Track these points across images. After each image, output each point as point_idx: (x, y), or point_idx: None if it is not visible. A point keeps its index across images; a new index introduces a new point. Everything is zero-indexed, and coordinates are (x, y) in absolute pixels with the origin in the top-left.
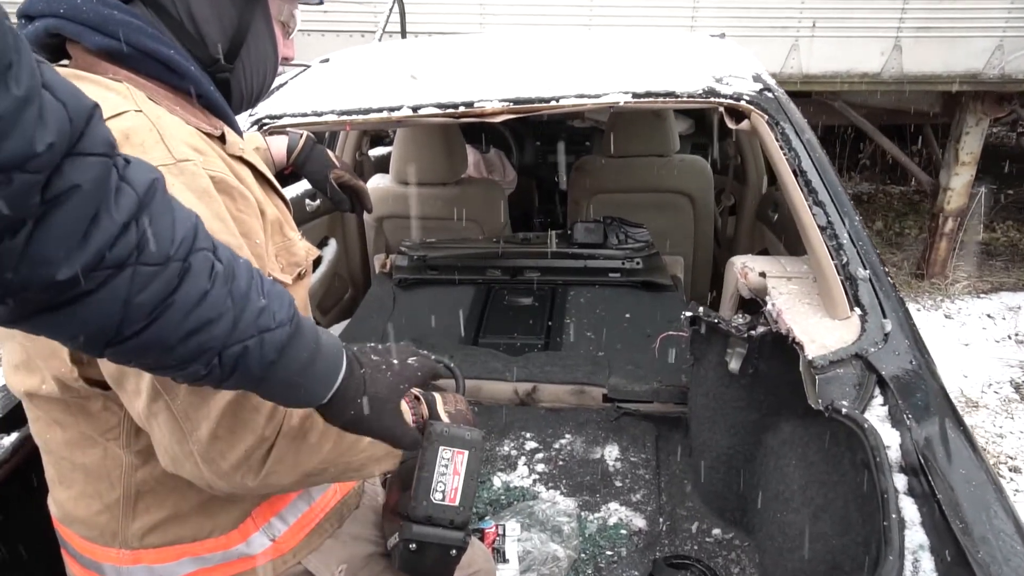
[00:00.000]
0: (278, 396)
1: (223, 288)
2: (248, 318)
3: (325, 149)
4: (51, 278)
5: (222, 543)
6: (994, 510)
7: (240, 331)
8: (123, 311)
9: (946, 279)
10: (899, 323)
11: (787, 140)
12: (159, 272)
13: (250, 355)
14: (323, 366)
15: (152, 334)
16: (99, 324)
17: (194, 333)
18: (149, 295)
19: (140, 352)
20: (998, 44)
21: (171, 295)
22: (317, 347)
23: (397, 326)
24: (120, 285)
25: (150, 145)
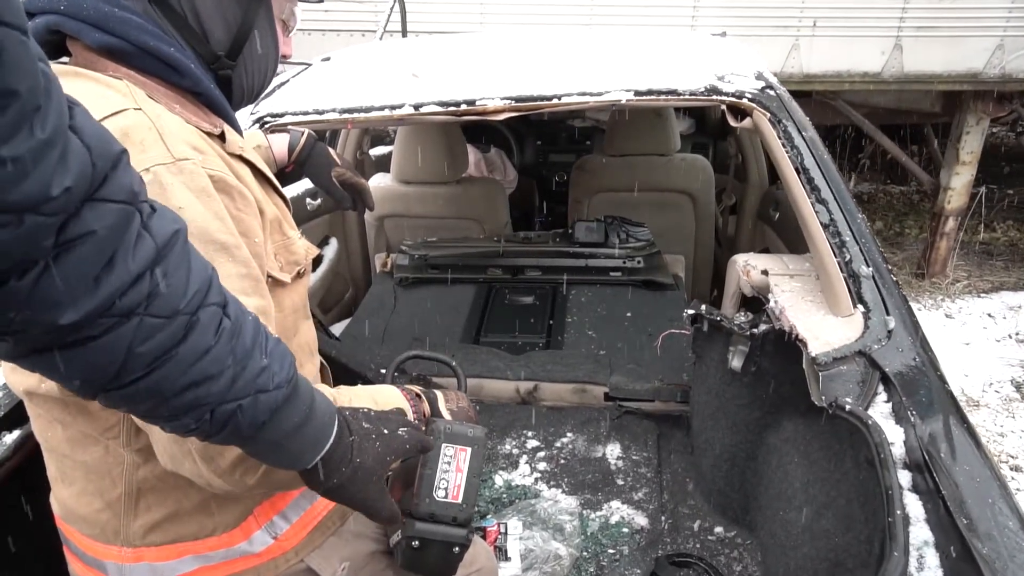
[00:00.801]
0: (263, 455)
1: (227, 345)
2: (248, 377)
3: (327, 147)
4: (54, 322)
5: (224, 541)
6: (999, 506)
7: (237, 389)
8: (124, 359)
9: (946, 279)
10: (902, 320)
11: (789, 138)
12: (166, 324)
13: (243, 414)
14: (313, 431)
15: (149, 384)
16: (98, 370)
17: (192, 387)
18: (153, 346)
19: (134, 400)
20: (999, 43)
21: (175, 347)
22: (310, 412)
23: (398, 325)
24: (125, 334)
25: (149, 143)
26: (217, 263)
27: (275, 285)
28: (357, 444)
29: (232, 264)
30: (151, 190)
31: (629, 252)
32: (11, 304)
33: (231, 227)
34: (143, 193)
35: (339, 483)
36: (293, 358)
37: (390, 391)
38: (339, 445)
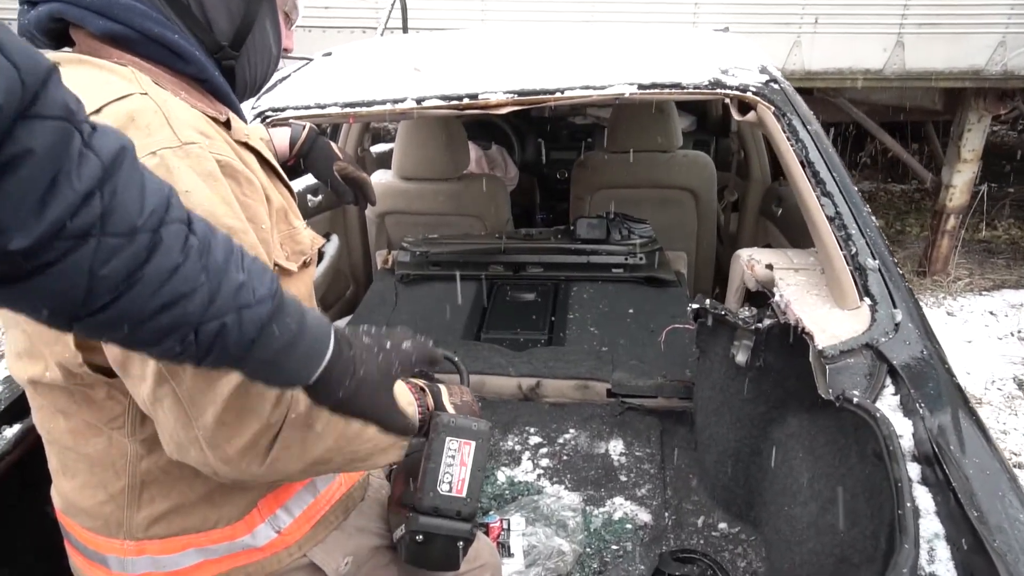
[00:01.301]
0: (260, 375)
1: (197, 262)
2: (225, 293)
3: (328, 141)
4: (5, 247)
5: (227, 534)
6: (1009, 499)
7: (217, 307)
8: (88, 284)
9: (948, 277)
10: (909, 313)
11: (794, 131)
12: (125, 244)
13: (228, 333)
14: (307, 346)
15: (120, 308)
16: (63, 297)
17: (166, 308)
18: (115, 268)
19: (108, 327)
20: (1000, 40)
21: (140, 268)
22: (301, 326)
23: (399, 322)
24: (83, 257)
25: (156, 127)
26: None
27: (282, 274)
28: (359, 357)
29: None
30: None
31: (631, 248)
32: None
33: (238, 212)
34: (81, 112)
35: (345, 397)
36: (275, 275)
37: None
38: (339, 359)
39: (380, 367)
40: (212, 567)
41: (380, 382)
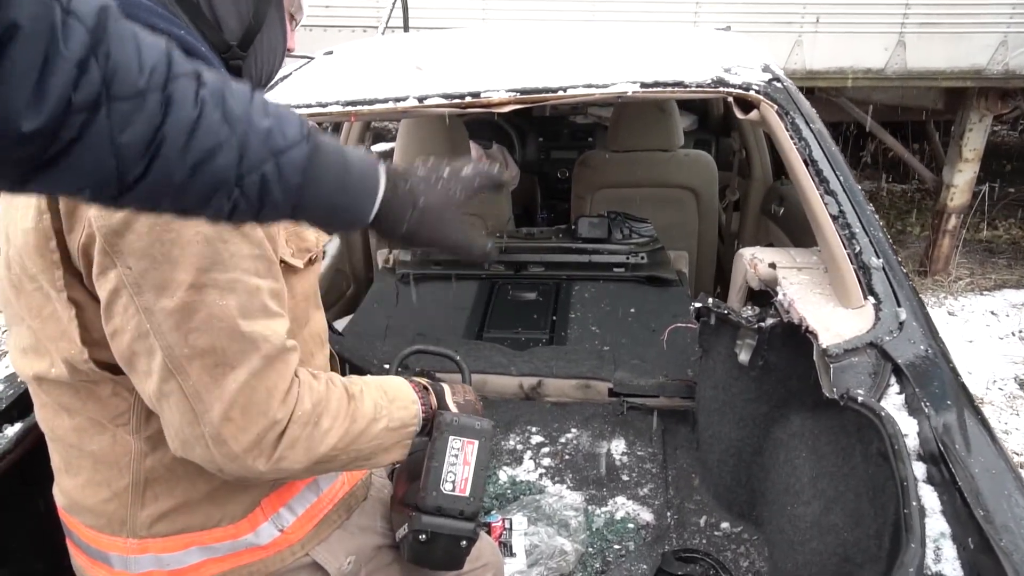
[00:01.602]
0: (320, 221)
1: (215, 113)
2: (254, 142)
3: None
4: (17, 130)
5: (231, 532)
6: (1015, 499)
7: (251, 158)
8: (115, 154)
9: (949, 276)
10: (913, 312)
11: (797, 130)
12: (137, 107)
13: (271, 183)
14: (357, 182)
15: (156, 175)
16: (97, 173)
17: (199, 168)
18: (135, 133)
19: (153, 197)
20: (1002, 40)
21: (159, 129)
22: (345, 164)
23: (400, 321)
24: (100, 127)
25: None
26: (231, 243)
27: (288, 270)
28: (416, 189)
29: (246, 244)
30: None
31: (632, 248)
32: None
33: None
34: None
35: (411, 228)
36: (303, 117)
37: (399, 382)
38: (394, 194)
39: (441, 195)
40: (215, 565)
41: (444, 210)
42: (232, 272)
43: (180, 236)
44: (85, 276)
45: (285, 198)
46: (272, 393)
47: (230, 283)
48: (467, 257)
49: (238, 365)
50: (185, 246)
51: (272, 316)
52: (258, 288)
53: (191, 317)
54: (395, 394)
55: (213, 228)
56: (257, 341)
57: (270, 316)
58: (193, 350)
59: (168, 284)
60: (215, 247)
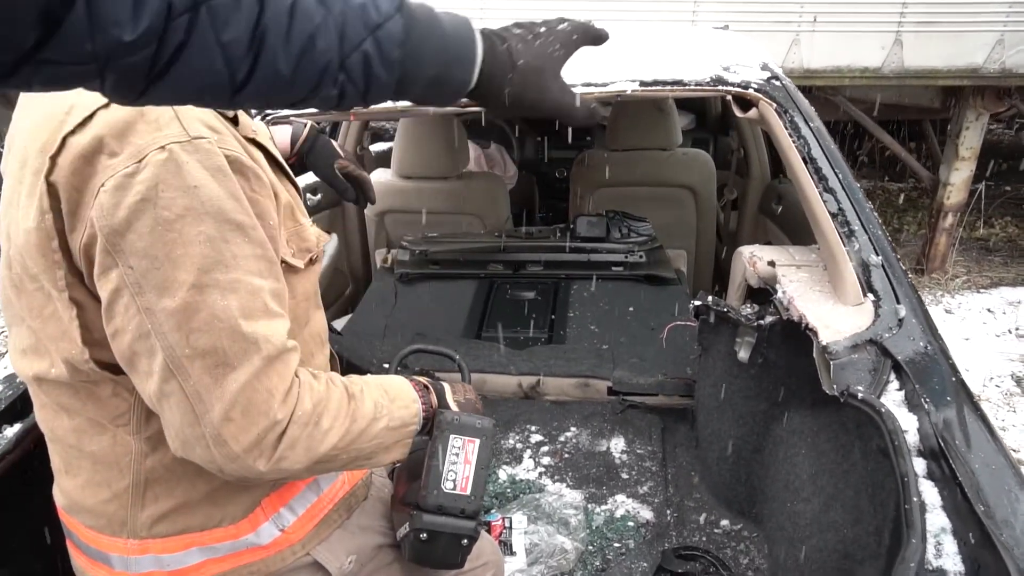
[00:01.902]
0: (424, 95)
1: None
2: (351, 20)
3: (329, 139)
4: (121, 38)
5: (231, 533)
6: (1015, 494)
7: (350, 37)
8: (223, 54)
9: (946, 274)
10: (912, 308)
11: (796, 128)
12: (234, 1)
13: (372, 60)
14: (455, 48)
15: (264, 69)
16: (209, 74)
17: (304, 54)
18: (237, 29)
19: (265, 92)
20: (999, 38)
21: (259, 21)
22: (442, 30)
23: (399, 320)
24: (204, 29)
25: (164, 122)
26: (233, 243)
27: (288, 271)
28: (514, 48)
29: (248, 244)
30: (167, 168)
31: (631, 247)
32: (81, 35)
33: (247, 208)
34: None
35: (513, 93)
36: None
37: (400, 381)
38: (493, 55)
39: (539, 52)
40: (215, 566)
41: (546, 67)
42: (234, 272)
43: (182, 236)
44: (86, 276)
45: (388, 74)
46: (273, 393)
47: (232, 283)
48: (571, 119)
49: (239, 366)
50: (187, 246)
51: (273, 316)
52: (260, 288)
53: (192, 317)
54: (396, 393)
55: (215, 228)
56: (258, 341)
57: (271, 317)
58: (194, 350)
59: (170, 284)
60: (217, 247)
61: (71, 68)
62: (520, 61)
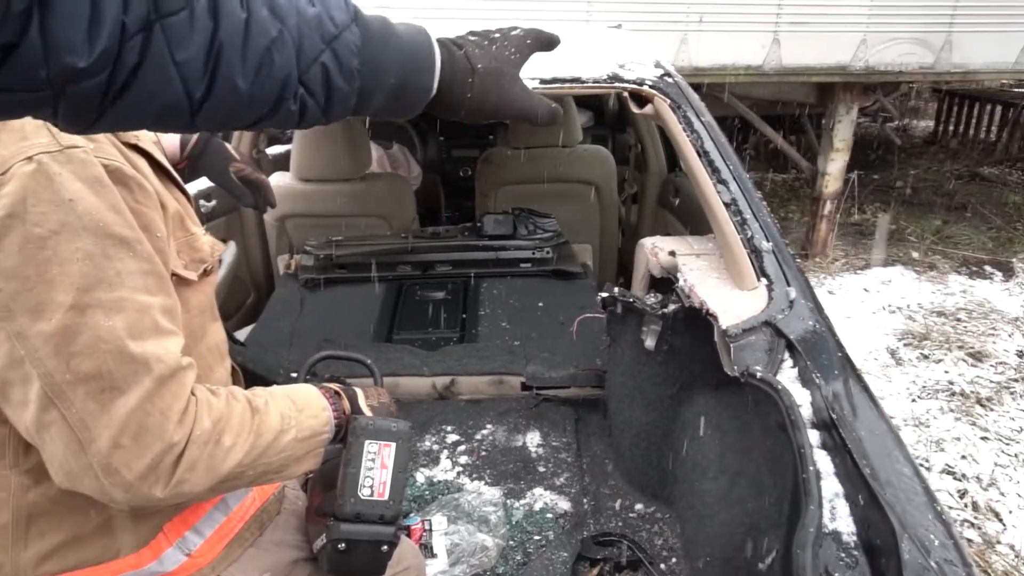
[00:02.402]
0: (386, 106)
1: (262, 10)
2: (307, 33)
3: (222, 142)
4: (77, 64)
5: (131, 563)
6: (895, 455)
7: (307, 50)
8: (179, 73)
9: (827, 258)
10: (801, 290)
11: (689, 123)
12: (188, 18)
13: (331, 72)
14: (414, 55)
15: (222, 87)
16: (165, 95)
17: (261, 68)
18: (193, 47)
19: (225, 111)
20: (862, 38)
21: (214, 37)
22: (398, 39)
23: (306, 328)
24: (158, 48)
25: (30, 130)
26: (116, 260)
27: (180, 284)
28: (471, 53)
29: (133, 260)
30: (36, 180)
31: (538, 243)
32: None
33: (130, 220)
34: None
35: (476, 97)
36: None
37: (308, 389)
38: (452, 59)
39: (497, 56)
40: None
41: (505, 70)
42: (119, 290)
43: (57, 254)
44: None
45: (348, 85)
46: (167, 415)
47: (116, 302)
48: (534, 120)
49: (128, 389)
50: (63, 264)
51: (164, 335)
52: (148, 306)
53: (73, 340)
54: (304, 403)
55: (95, 244)
56: (148, 362)
57: (162, 335)
58: (76, 376)
59: (45, 306)
60: (98, 264)
61: (23, 96)
62: (479, 66)
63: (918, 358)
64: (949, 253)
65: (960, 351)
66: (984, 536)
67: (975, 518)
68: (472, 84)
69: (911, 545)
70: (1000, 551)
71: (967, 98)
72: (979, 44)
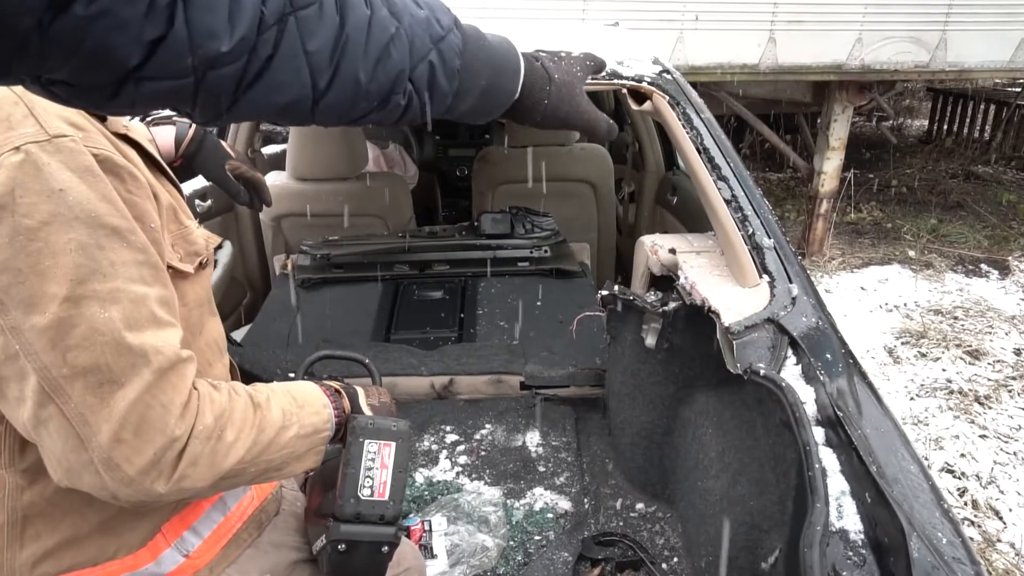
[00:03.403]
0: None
1: (382, 9)
2: (419, 32)
3: (218, 139)
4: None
5: (128, 564)
6: (902, 453)
7: (417, 48)
8: (307, 62)
9: (824, 256)
10: (803, 287)
11: (688, 119)
12: (318, 12)
13: (436, 70)
14: (502, 60)
15: (343, 78)
16: (294, 84)
17: (379, 62)
18: (322, 39)
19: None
20: (858, 37)
21: (341, 32)
22: (489, 44)
23: (303, 327)
24: (292, 39)
25: (17, 120)
26: (110, 250)
27: (177, 276)
28: (547, 65)
29: (127, 251)
30: (24, 171)
31: (536, 242)
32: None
33: (123, 210)
34: None
35: (551, 104)
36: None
37: (309, 386)
38: (533, 67)
39: (567, 70)
40: None
41: (574, 84)
42: (113, 281)
43: (49, 245)
44: None
45: (449, 84)
46: (168, 408)
47: (112, 293)
48: (597, 133)
49: (127, 382)
50: (56, 256)
51: (162, 326)
52: (144, 296)
53: (69, 333)
54: (305, 399)
55: (88, 235)
56: (147, 354)
57: (160, 326)
58: (73, 369)
59: (39, 299)
60: (92, 255)
61: (169, 84)
62: (556, 76)
63: (916, 356)
64: (945, 252)
65: (958, 349)
66: (984, 534)
67: (975, 516)
68: (549, 92)
69: (920, 543)
70: (1000, 549)
71: (961, 97)
72: (974, 43)
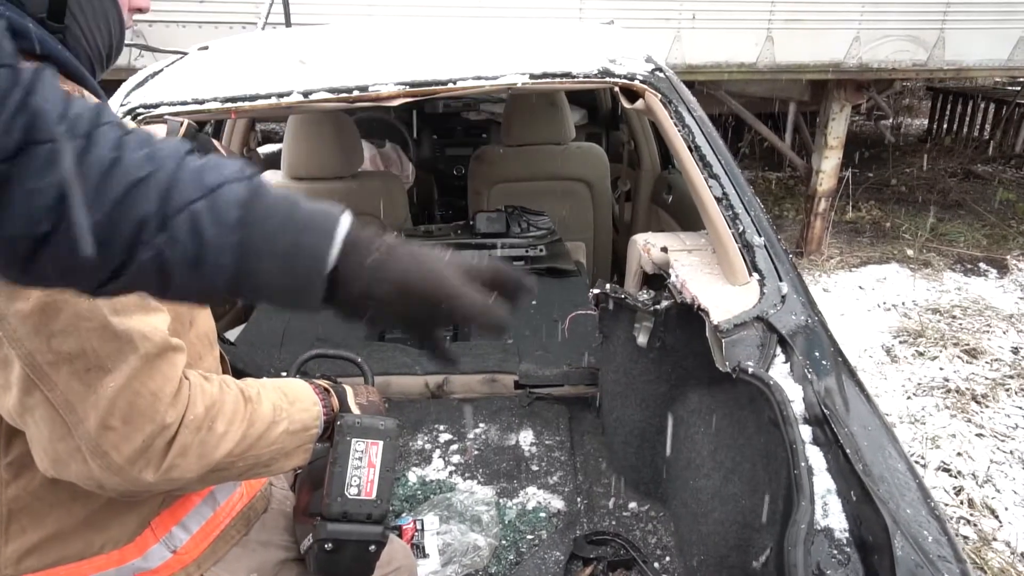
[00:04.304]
0: (278, 280)
1: (137, 152)
2: (184, 177)
3: (211, 138)
4: None
5: (115, 559)
6: (888, 451)
7: (180, 193)
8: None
9: (822, 255)
10: (793, 285)
11: (680, 117)
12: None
13: (202, 219)
14: (308, 218)
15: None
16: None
17: (116, 204)
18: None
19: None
20: (855, 36)
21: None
22: (295, 201)
23: (297, 327)
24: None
25: None
26: None
27: None
28: (387, 239)
29: None
30: None
31: (531, 241)
32: None
33: None
34: None
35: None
36: (244, 162)
37: (298, 383)
38: (362, 227)
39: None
40: None
41: (424, 251)
42: None
43: None
44: None
45: (223, 238)
46: (158, 396)
47: None
48: (481, 321)
49: (114, 368)
50: None
51: (149, 311)
52: None
53: (53, 319)
54: (295, 396)
55: None
56: (134, 339)
57: (147, 311)
58: (58, 355)
59: None
60: None
61: None
62: (395, 243)
63: (913, 355)
64: (943, 250)
65: (955, 348)
66: (980, 533)
67: (971, 515)
68: (382, 250)
69: (904, 541)
70: (996, 548)
71: (960, 96)
72: (971, 41)
